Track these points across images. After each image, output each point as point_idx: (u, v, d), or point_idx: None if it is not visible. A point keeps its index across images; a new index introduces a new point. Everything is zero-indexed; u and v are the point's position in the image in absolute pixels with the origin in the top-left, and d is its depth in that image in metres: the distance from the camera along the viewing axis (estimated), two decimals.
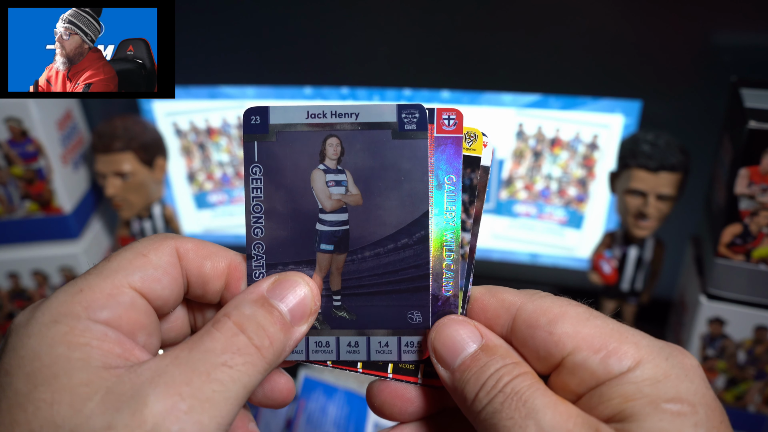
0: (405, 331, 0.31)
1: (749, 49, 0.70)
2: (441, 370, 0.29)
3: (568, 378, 0.26)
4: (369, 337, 0.32)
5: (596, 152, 0.77)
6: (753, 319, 0.64)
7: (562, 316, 0.27)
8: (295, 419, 0.72)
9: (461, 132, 0.31)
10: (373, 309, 0.31)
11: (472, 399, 0.27)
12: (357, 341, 0.32)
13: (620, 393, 0.25)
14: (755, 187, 0.58)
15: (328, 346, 0.32)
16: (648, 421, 0.24)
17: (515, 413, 0.25)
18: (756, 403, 0.68)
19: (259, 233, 0.32)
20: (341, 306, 0.32)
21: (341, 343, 0.32)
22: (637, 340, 0.26)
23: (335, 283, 0.32)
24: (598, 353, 0.26)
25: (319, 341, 0.32)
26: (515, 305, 0.29)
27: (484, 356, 0.28)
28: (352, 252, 0.31)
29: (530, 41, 0.75)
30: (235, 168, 0.86)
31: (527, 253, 0.86)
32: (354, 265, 0.31)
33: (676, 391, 0.24)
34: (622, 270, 0.75)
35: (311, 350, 0.32)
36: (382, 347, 0.32)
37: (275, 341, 0.28)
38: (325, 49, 0.79)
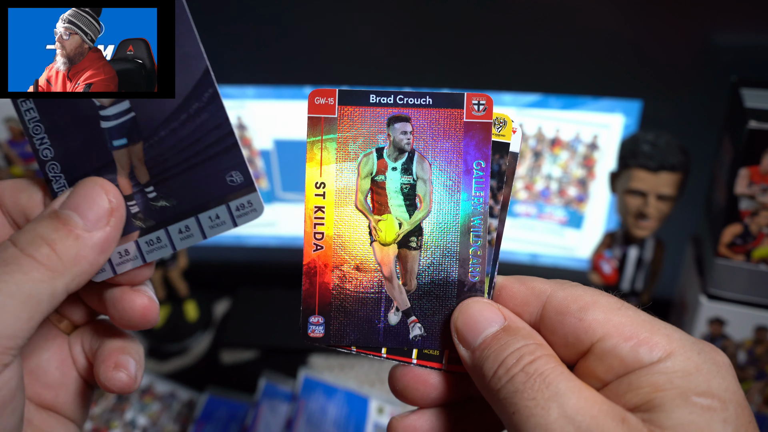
0: (231, 196, 0.30)
1: (749, 49, 0.70)
2: (462, 349, 0.29)
3: (596, 365, 0.26)
4: (197, 215, 0.30)
5: (596, 152, 0.77)
6: (753, 319, 0.64)
7: (594, 303, 0.27)
8: (295, 419, 0.72)
9: (491, 117, 0.30)
10: (190, 186, 0.30)
11: (490, 376, 0.26)
12: (187, 225, 0.30)
13: (650, 382, 0.24)
14: (755, 187, 0.58)
15: (160, 241, 0.30)
16: (677, 413, 0.23)
17: (537, 394, 0.24)
18: (756, 403, 0.68)
19: (48, 154, 0.30)
20: (157, 196, 0.30)
21: (172, 233, 0.30)
22: (669, 332, 0.26)
23: (142, 175, 0.30)
24: (628, 341, 0.26)
25: (149, 240, 0.30)
26: (545, 293, 0.29)
27: (505, 335, 0.28)
28: (147, 137, 0.30)
29: (530, 41, 0.75)
30: None
31: (527, 253, 0.86)
32: (154, 150, 0.30)
33: (707, 385, 0.24)
34: (622, 270, 0.75)
35: (145, 252, 0.30)
36: (214, 221, 0.30)
37: (60, 248, 0.27)
38: (325, 49, 0.79)
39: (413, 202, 0.31)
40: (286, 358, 0.84)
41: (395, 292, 0.31)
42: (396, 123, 0.31)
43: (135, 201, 0.30)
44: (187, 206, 0.30)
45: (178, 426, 0.77)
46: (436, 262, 0.31)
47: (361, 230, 0.31)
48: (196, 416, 0.75)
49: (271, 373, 0.79)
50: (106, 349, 0.32)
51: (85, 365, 0.33)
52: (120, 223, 0.29)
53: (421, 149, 0.31)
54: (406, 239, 0.31)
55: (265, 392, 0.76)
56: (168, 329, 0.89)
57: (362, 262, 0.31)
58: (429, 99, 0.30)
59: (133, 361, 0.32)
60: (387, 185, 0.31)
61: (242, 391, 0.79)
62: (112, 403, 0.77)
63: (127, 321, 0.31)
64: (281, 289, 0.94)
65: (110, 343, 0.32)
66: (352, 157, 0.31)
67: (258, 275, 0.97)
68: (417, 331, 0.31)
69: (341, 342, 0.31)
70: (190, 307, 0.92)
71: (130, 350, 0.32)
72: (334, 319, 0.31)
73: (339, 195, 0.31)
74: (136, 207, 0.30)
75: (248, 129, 0.83)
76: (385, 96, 0.31)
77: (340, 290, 0.31)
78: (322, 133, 0.31)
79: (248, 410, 0.75)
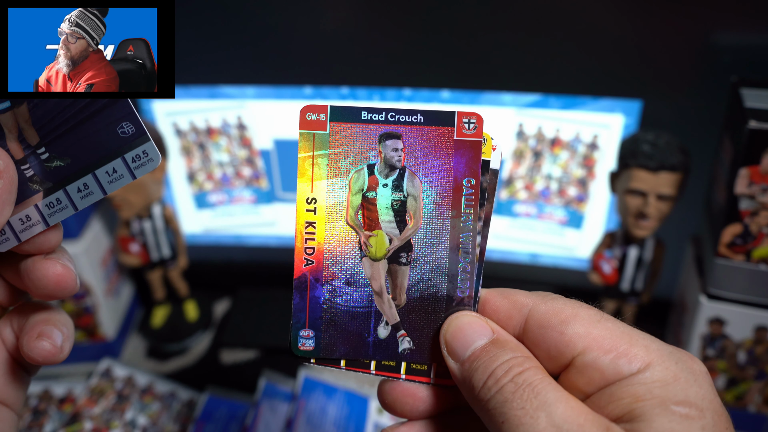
0: (125, 148, 0.30)
1: (749, 49, 0.70)
2: (451, 362, 0.29)
3: (577, 377, 0.27)
4: (94, 172, 0.30)
5: (596, 152, 0.77)
6: (753, 319, 0.64)
7: (574, 317, 0.28)
8: (295, 419, 0.72)
9: (481, 136, 0.31)
10: (81, 143, 0.29)
11: (480, 387, 0.27)
12: (85, 183, 0.30)
13: (630, 393, 0.25)
14: (755, 187, 0.58)
15: (60, 203, 0.30)
16: (657, 422, 0.24)
17: (526, 403, 0.25)
18: (756, 403, 0.68)
19: None
20: (50, 156, 0.30)
21: (71, 193, 0.30)
22: (647, 344, 0.26)
23: (31, 137, 0.29)
24: (608, 354, 0.26)
25: (49, 202, 0.30)
26: (527, 306, 0.29)
27: (494, 348, 0.28)
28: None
29: (530, 41, 0.75)
30: (235, 168, 0.86)
31: (527, 253, 0.86)
32: (40, 109, 0.29)
33: (685, 394, 0.25)
34: (622, 270, 0.75)
35: (47, 215, 0.30)
36: (111, 175, 0.30)
37: None
38: (325, 49, 0.79)
39: (403, 219, 0.31)
40: (286, 358, 0.84)
41: (385, 307, 0.32)
42: (387, 140, 0.31)
43: (29, 164, 0.29)
44: (82, 163, 0.30)
45: (178, 426, 0.77)
46: (426, 278, 0.31)
47: (351, 245, 0.31)
48: (196, 416, 0.75)
49: (271, 373, 0.79)
50: (30, 322, 0.31)
51: (15, 345, 0.32)
52: (9, 185, 0.28)
53: (412, 166, 0.31)
54: (396, 255, 0.31)
55: (265, 392, 0.76)
56: (168, 329, 0.89)
57: (353, 277, 0.32)
58: (420, 117, 0.31)
59: (57, 331, 0.31)
60: (378, 201, 0.31)
61: (242, 391, 0.79)
62: (112, 403, 0.77)
63: (43, 290, 0.30)
64: (281, 289, 0.94)
65: (35, 317, 0.32)
66: (343, 173, 0.31)
67: (258, 275, 0.97)
68: (406, 344, 0.32)
69: (331, 355, 0.32)
70: (190, 307, 0.92)
71: (54, 321, 0.31)
72: (324, 333, 0.32)
73: (330, 210, 0.31)
74: (31, 170, 0.29)
75: (248, 129, 0.83)
76: (377, 113, 0.31)
77: (331, 304, 0.32)
78: (313, 149, 0.31)
79: (248, 410, 0.75)
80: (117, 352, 0.87)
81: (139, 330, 0.90)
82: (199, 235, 0.92)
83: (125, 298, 0.91)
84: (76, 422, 0.74)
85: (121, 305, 0.90)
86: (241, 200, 0.89)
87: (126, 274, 0.92)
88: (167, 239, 0.84)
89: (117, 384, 0.80)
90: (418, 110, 0.31)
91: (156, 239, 0.83)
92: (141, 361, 0.88)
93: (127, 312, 0.91)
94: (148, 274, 0.87)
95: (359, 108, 0.31)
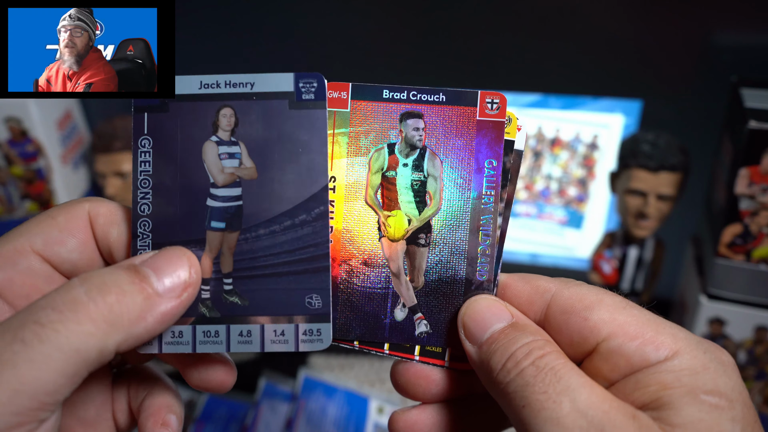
0: (303, 318, 0.29)
1: (749, 49, 0.70)
2: (468, 345, 0.29)
3: (601, 364, 0.26)
4: (263, 325, 0.29)
5: (596, 152, 0.77)
6: (753, 319, 0.64)
7: (599, 303, 0.27)
8: (295, 419, 0.72)
9: (504, 116, 0.30)
10: (267, 293, 0.29)
11: (498, 369, 0.26)
12: (249, 330, 0.29)
13: (658, 381, 0.24)
14: (755, 187, 0.58)
15: (218, 336, 0.29)
16: (686, 410, 0.23)
17: (549, 387, 0.24)
18: (756, 403, 0.68)
19: (146, 210, 0.29)
20: (233, 290, 0.30)
21: (232, 333, 0.29)
22: (674, 332, 0.26)
23: (226, 265, 0.29)
24: (634, 340, 0.26)
25: (207, 330, 0.29)
26: (550, 291, 0.29)
27: (513, 331, 0.27)
28: (246, 230, 0.29)
29: (530, 41, 0.75)
30: None
31: (527, 253, 0.86)
32: (247, 245, 0.29)
33: (714, 384, 0.24)
34: (622, 270, 0.75)
35: (198, 341, 0.29)
36: (277, 336, 0.29)
37: (127, 301, 0.25)
38: (324, 49, 0.79)
39: (423, 199, 0.31)
40: (286, 358, 0.84)
41: (402, 289, 0.31)
42: (408, 119, 0.30)
43: (209, 287, 0.29)
44: (257, 311, 0.29)
45: None
46: (445, 260, 0.31)
47: (370, 225, 0.31)
48: (196, 416, 0.75)
49: (271, 373, 0.79)
50: (154, 404, 0.31)
51: (124, 410, 0.32)
52: (190, 300, 0.28)
53: (433, 146, 0.30)
54: (414, 236, 0.31)
55: (265, 392, 0.76)
56: None
57: (370, 258, 0.31)
58: (443, 96, 0.30)
59: (177, 420, 0.31)
60: (397, 181, 0.31)
61: (242, 391, 0.79)
62: None
63: (203, 387, 0.31)
64: None
65: (158, 398, 0.32)
66: (363, 152, 0.31)
67: None
68: (423, 327, 0.31)
69: (346, 336, 0.31)
70: None
71: (176, 408, 0.32)
72: (340, 313, 0.31)
73: (349, 189, 0.31)
74: (208, 293, 0.29)
75: None
76: (399, 92, 0.30)
77: (348, 284, 0.31)
78: (334, 127, 0.30)
79: (248, 410, 0.75)
80: None
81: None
82: None
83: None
84: None
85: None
86: None
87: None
88: None
89: None
90: (440, 90, 0.30)
91: None
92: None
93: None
94: None
95: (381, 87, 0.30)
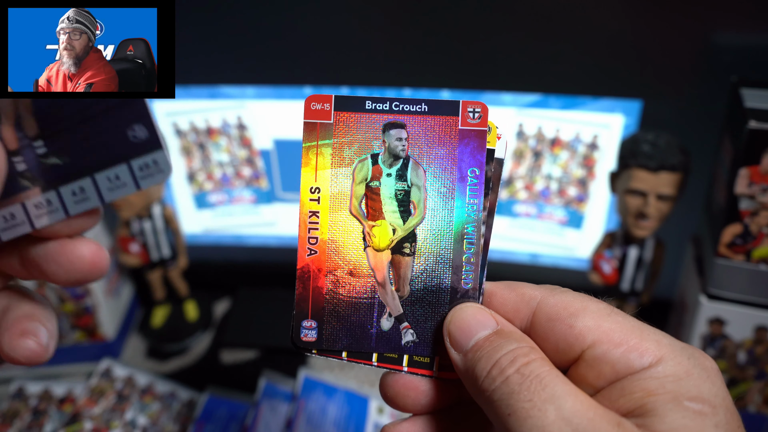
0: (133, 154, 0.27)
1: (749, 49, 0.70)
2: (454, 353, 0.29)
3: (587, 371, 0.26)
4: (93, 175, 0.26)
5: (596, 152, 0.77)
6: (753, 319, 0.64)
7: (584, 310, 0.27)
8: (295, 419, 0.72)
9: (486, 125, 0.30)
10: (85, 142, 0.26)
11: (483, 377, 0.26)
12: (82, 186, 0.27)
13: (642, 387, 0.25)
14: (755, 187, 0.58)
15: (51, 204, 0.26)
16: (669, 417, 0.23)
17: (534, 396, 0.24)
18: (756, 403, 0.68)
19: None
20: (48, 152, 0.26)
21: (64, 196, 0.27)
22: (658, 338, 0.26)
23: (30, 127, 0.26)
24: (618, 347, 0.26)
25: (38, 202, 0.26)
26: (535, 299, 0.29)
27: (498, 338, 0.28)
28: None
29: (530, 41, 0.75)
30: (235, 168, 0.86)
31: (527, 253, 0.86)
32: (44, 100, 0.26)
33: (698, 390, 0.24)
34: (622, 270, 0.75)
35: (33, 216, 0.26)
36: (113, 182, 0.27)
37: None
38: (325, 48, 0.79)
39: (407, 209, 0.31)
40: (286, 358, 0.84)
41: (388, 298, 0.31)
42: (391, 129, 0.31)
43: (22, 157, 0.26)
44: (82, 165, 0.27)
45: (178, 426, 0.77)
46: (429, 269, 0.31)
47: (355, 235, 0.31)
48: (196, 416, 0.75)
49: (271, 373, 0.79)
50: (11, 316, 0.28)
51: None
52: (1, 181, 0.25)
53: (416, 156, 0.31)
54: (399, 245, 0.31)
55: (265, 392, 0.76)
56: (168, 329, 0.89)
57: (356, 268, 0.31)
58: (425, 106, 0.30)
59: (43, 329, 0.27)
60: (381, 191, 0.31)
61: (242, 391, 0.79)
62: (112, 403, 0.77)
63: (74, 275, 0.27)
64: (281, 289, 0.94)
65: (17, 309, 0.28)
66: (347, 162, 0.31)
67: (258, 275, 0.97)
68: (409, 337, 0.31)
69: (334, 346, 0.31)
70: (190, 307, 0.92)
71: (40, 316, 0.28)
72: (327, 324, 0.31)
73: (334, 200, 0.31)
74: (24, 164, 0.26)
75: (248, 129, 0.83)
76: (381, 102, 0.31)
77: (334, 295, 0.31)
78: (317, 139, 0.31)
79: (248, 410, 0.75)
80: (117, 352, 0.87)
81: (139, 330, 0.90)
82: (199, 235, 0.92)
83: (125, 298, 0.91)
84: (76, 422, 0.74)
85: (121, 305, 0.90)
86: (241, 200, 0.89)
87: (126, 274, 0.92)
88: (167, 239, 0.84)
89: (117, 384, 0.80)
90: (422, 100, 0.30)
91: (156, 239, 0.83)
92: (141, 361, 0.88)
93: (127, 312, 0.91)
94: (148, 274, 0.87)
95: (363, 98, 0.31)
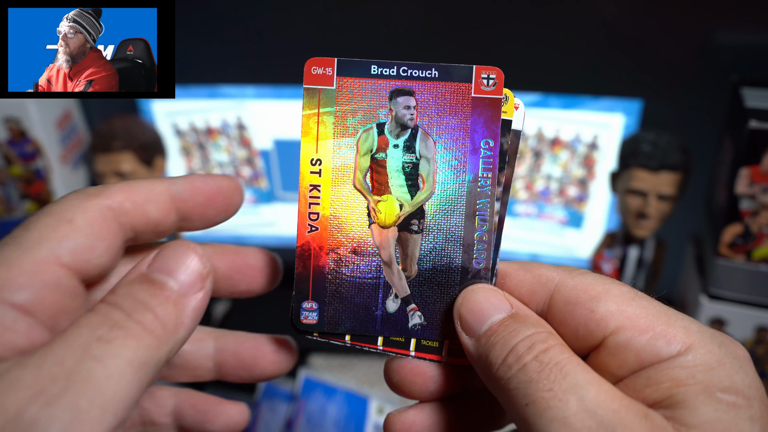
0: None
1: (750, 49, 0.70)
2: (465, 338, 0.27)
3: (609, 359, 0.24)
4: None
5: (596, 152, 0.77)
6: (753, 319, 0.64)
7: (606, 293, 0.25)
8: (295, 419, 0.72)
9: (501, 93, 0.28)
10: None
11: (498, 364, 0.24)
12: None
13: (670, 377, 0.23)
14: (756, 187, 0.58)
15: None
16: (701, 409, 0.22)
17: (554, 385, 0.22)
18: None
19: None
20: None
21: None
22: (686, 324, 0.24)
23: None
24: (644, 334, 0.24)
25: None
26: (553, 281, 0.27)
27: (513, 323, 0.25)
28: None
29: (530, 40, 0.75)
30: (235, 168, 0.86)
31: (527, 253, 0.86)
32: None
33: (731, 380, 0.22)
34: (622, 270, 0.75)
35: None
36: None
37: (162, 315, 0.24)
38: (325, 48, 0.79)
39: (415, 183, 0.28)
40: None
41: (394, 278, 0.29)
42: (399, 97, 0.28)
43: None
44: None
45: None
46: (439, 247, 0.28)
47: (359, 211, 0.29)
48: None
49: None
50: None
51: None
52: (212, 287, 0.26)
53: (426, 126, 0.28)
54: (407, 222, 0.29)
55: (265, 392, 0.76)
56: None
57: (360, 246, 0.29)
58: (435, 72, 0.28)
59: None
60: (388, 164, 0.29)
61: (242, 391, 0.79)
62: None
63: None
64: (281, 289, 0.94)
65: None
66: (350, 132, 0.28)
67: None
68: (416, 319, 0.29)
69: (336, 329, 0.29)
70: None
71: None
72: (328, 305, 0.29)
73: (336, 173, 0.28)
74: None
75: (248, 129, 0.83)
76: (388, 67, 0.28)
77: (336, 274, 0.29)
78: (318, 106, 0.28)
79: None
80: None
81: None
82: (198, 235, 0.92)
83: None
84: None
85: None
86: None
87: None
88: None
89: None
90: (432, 65, 0.28)
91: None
92: None
93: None
94: None
95: (369, 62, 0.28)
